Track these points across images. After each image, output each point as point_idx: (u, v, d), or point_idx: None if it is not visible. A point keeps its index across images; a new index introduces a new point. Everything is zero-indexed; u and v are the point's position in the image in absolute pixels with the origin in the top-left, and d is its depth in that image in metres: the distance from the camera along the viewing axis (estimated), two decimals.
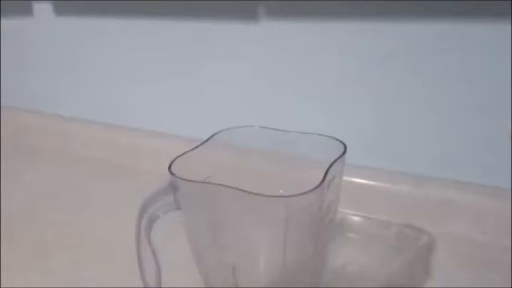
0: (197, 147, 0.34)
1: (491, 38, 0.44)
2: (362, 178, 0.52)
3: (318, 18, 0.51)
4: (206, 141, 0.35)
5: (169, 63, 0.64)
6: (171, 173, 0.30)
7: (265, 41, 0.55)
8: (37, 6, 0.73)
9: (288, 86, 0.56)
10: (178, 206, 0.31)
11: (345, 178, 0.34)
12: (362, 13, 0.49)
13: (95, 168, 0.68)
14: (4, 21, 0.78)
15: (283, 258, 0.31)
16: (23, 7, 0.74)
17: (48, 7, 0.71)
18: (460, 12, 0.44)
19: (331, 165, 0.29)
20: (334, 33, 0.51)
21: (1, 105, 0.84)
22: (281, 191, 0.36)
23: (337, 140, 0.34)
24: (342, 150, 0.32)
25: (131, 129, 0.70)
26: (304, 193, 0.27)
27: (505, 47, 0.43)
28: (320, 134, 0.35)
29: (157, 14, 0.62)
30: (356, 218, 0.52)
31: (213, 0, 0.56)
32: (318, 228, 0.30)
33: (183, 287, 0.40)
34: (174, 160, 0.31)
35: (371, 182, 0.52)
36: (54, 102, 0.79)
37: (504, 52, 0.44)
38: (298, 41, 0.53)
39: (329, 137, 0.34)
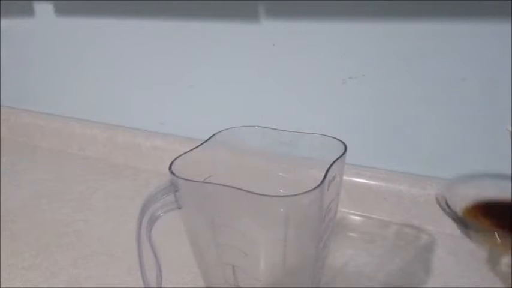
0: (197, 147, 0.34)
1: (491, 38, 0.44)
2: (362, 178, 0.52)
3: (318, 18, 0.51)
4: (206, 141, 0.35)
5: (169, 63, 0.64)
6: (172, 173, 0.30)
7: (265, 41, 0.55)
8: (38, 6, 0.73)
9: (288, 85, 0.56)
10: (178, 205, 0.31)
11: (345, 178, 0.34)
12: (362, 13, 0.49)
13: (95, 168, 0.68)
14: (5, 21, 0.78)
15: (283, 258, 0.31)
16: (23, 7, 0.74)
17: (48, 7, 0.71)
18: (460, 12, 0.44)
19: (331, 165, 0.29)
20: (334, 33, 0.51)
21: (1, 105, 0.84)
22: (281, 191, 0.36)
23: (337, 140, 0.34)
24: (342, 150, 0.32)
25: (131, 129, 0.70)
26: (304, 193, 0.27)
27: (505, 46, 0.43)
28: (320, 134, 0.35)
29: (158, 14, 0.62)
30: (356, 218, 0.52)
31: (213, 0, 0.56)
32: (318, 228, 0.30)
33: (183, 286, 0.41)
34: (174, 160, 0.31)
35: (371, 182, 0.52)
36: (54, 102, 0.79)
37: (504, 52, 0.44)
38: (298, 41, 0.53)
39: (329, 136, 0.34)
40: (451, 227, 0.49)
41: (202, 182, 0.33)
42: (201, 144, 0.35)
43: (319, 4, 0.51)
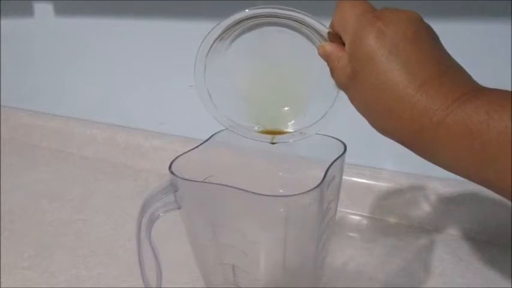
0: (197, 147, 0.34)
1: (491, 38, 0.44)
2: (362, 178, 0.52)
3: (318, 18, 0.51)
4: (206, 141, 0.35)
5: (169, 63, 0.64)
6: (172, 173, 0.30)
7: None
8: (37, 6, 0.73)
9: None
10: (178, 205, 0.31)
11: (345, 178, 0.34)
12: None
13: (95, 168, 0.68)
14: (4, 21, 0.78)
15: (283, 258, 0.31)
16: (23, 7, 0.74)
17: (48, 7, 0.71)
18: (460, 12, 0.44)
19: (331, 165, 0.29)
20: None
21: (1, 105, 0.84)
22: (281, 191, 0.36)
23: (337, 139, 0.34)
24: (342, 150, 0.32)
25: (131, 129, 0.70)
26: (304, 193, 0.27)
27: (505, 47, 0.43)
28: (320, 134, 0.35)
29: (157, 14, 0.62)
30: (356, 218, 0.52)
31: (213, 0, 0.56)
32: (318, 228, 0.30)
33: (183, 286, 0.41)
34: (174, 160, 0.31)
35: (371, 182, 0.52)
36: (54, 102, 0.79)
37: (504, 52, 0.44)
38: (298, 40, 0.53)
39: (329, 136, 0.34)
40: (452, 227, 0.49)
41: (202, 182, 0.33)
42: (201, 144, 0.35)
43: (319, 4, 0.50)
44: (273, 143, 0.33)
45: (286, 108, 0.34)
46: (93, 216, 0.54)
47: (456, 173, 0.23)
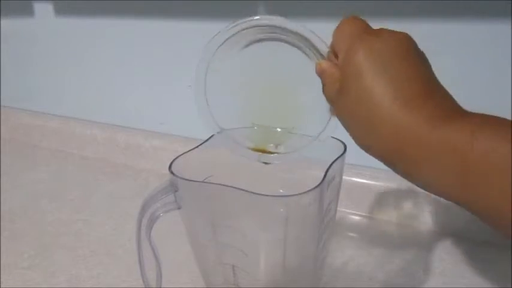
0: (197, 147, 0.34)
1: (491, 38, 0.44)
2: (362, 178, 0.52)
3: (318, 18, 0.51)
4: (206, 141, 0.35)
5: (169, 63, 0.64)
6: (172, 173, 0.30)
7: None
8: (38, 6, 0.73)
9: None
10: (178, 205, 0.31)
11: (345, 178, 0.34)
12: (362, 13, 0.49)
13: (95, 168, 0.68)
14: (4, 21, 0.78)
15: (283, 258, 0.31)
16: (23, 7, 0.74)
17: (48, 7, 0.71)
18: (460, 12, 0.44)
19: (331, 165, 0.29)
20: None
21: (1, 105, 0.84)
22: (281, 191, 0.36)
23: (337, 140, 0.34)
24: (342, 150, 0.32)
25: (131, 129, 0.70)
26: (304, 193, 0.27)
27: (505, 47, 0.43)
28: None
29: (157, 14, 0.62)
30: (356, 218, 0.52)
31: (213, 0, 0.56)
32: (318, 228, 0.30)
33: (183, 286, 0.41)
34: (174, 160, 0.32)
35: (371, 182, 0.52)
36: (54, 102, 0.79)
37: (504, 52, 0.44)
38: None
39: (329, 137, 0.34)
40: (452, 227, 0.49)
41: (202, 182, 0.33)
42: (201, 144, 0.35)
43: (319, 4, 0.51)
44: (261, 162, 0.34)
45: (278, 129, 0.34)
46: (93, 216, 0.54)
47: (436, 193, 0.23)
